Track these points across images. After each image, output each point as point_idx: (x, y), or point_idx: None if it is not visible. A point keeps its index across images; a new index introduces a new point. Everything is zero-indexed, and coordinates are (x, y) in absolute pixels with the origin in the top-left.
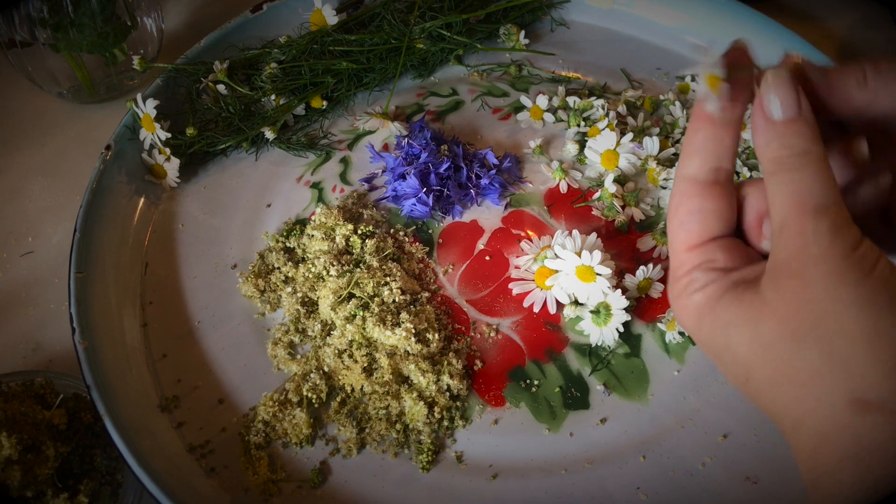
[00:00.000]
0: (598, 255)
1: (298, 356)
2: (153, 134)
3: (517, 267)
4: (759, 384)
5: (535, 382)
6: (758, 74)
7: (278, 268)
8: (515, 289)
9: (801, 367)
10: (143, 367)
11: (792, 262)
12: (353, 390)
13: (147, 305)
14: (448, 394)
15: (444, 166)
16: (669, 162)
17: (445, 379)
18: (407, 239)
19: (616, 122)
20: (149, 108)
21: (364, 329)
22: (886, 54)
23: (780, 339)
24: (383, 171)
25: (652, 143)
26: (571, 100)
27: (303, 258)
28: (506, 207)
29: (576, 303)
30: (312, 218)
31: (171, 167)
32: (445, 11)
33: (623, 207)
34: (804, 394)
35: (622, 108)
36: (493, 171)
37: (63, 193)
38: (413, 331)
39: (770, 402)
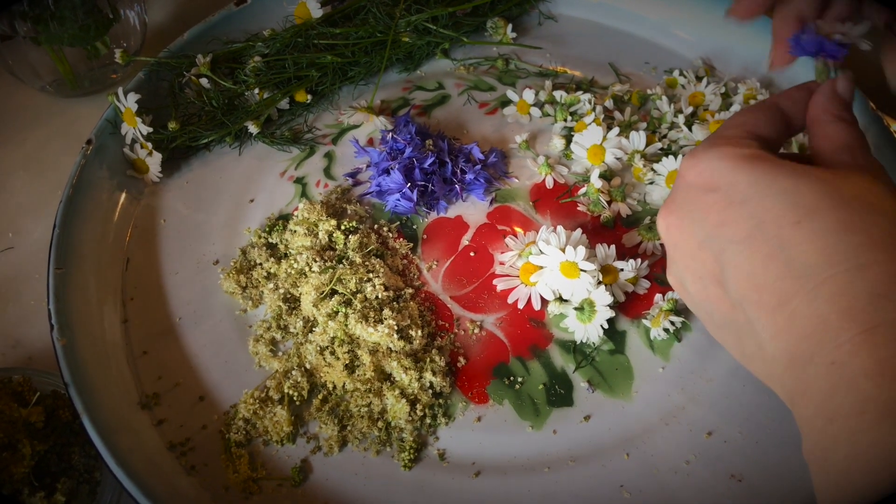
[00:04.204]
0: (582, 251)
1: (280, 353)
2: (135, 128)
3: (502, 263)
4: (821, 223)
5: (519, 379)
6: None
7: (260, 264)
8: (500, 285)
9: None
10: (124, 364)
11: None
12: (334, 387)
13: (128, 302)
14: (431, 391)
15: (429, 161)
16: (656, 157)
17: (428, 376)
18: (391, 234)
19: (603, 116)
20: (130, 102)
21: (346, 326)
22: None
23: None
24: (368, 166)
25: (639, 138)
26: (558, 94)
27: (285, 254)
28: (491, 203)
29: (560, 299)
30: (295, 213)
31: (154, 162)
32: (431, 4)
33: (609, 203)
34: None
35: (609, 103)
36: (479, 167)
37: (44, 188)
38: (396, 327)
39: (827, 244)
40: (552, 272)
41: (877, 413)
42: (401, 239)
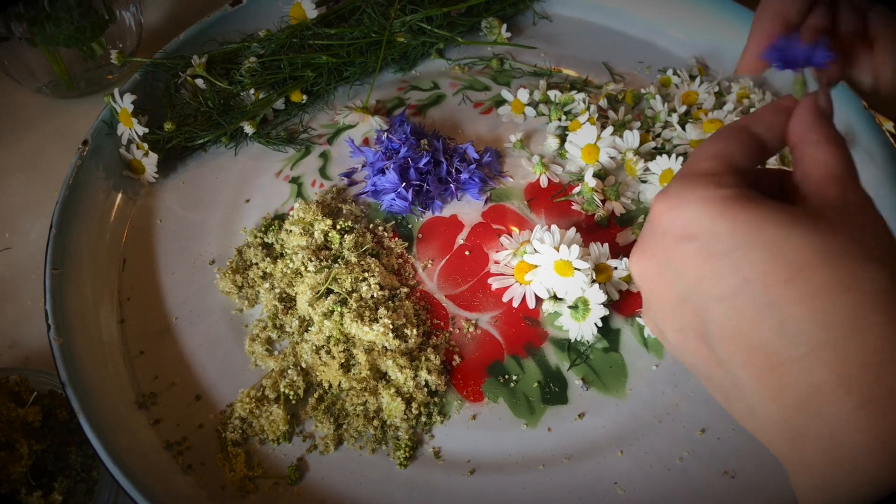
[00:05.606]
0: (576, 249)
1: (276, 352)
2: (131, 129)
3: (496, 262)
4: (813, 283)
5: (514, 377)
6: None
7: (256, 263)
8: (494, 284)
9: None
10: (120, 364)
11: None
12: (330, 386)
13: (124, 302)
14: (426, 389)
15: (424, 161)
16: (650, 155)
17: (423, 374)
18: (386, 234)
19: (597, 116)
20: (126, 102)
21: (342, 325)
22: None
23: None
24: (363, 166)
25: (632, 137)
26: (553, 94)
27: (281, 254)
28: (486, 202)
29: (555, 298)
30: (291, 213)
31: (150, 162)
32: (426, 5)
33: (603, 202)
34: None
35: (603, 102)
36: (474, 166)
37: (41, 189)
38: (391, 326)
39: (820, 305)
40: (546, 271)
41: (872, 492)
42: (396, 238)
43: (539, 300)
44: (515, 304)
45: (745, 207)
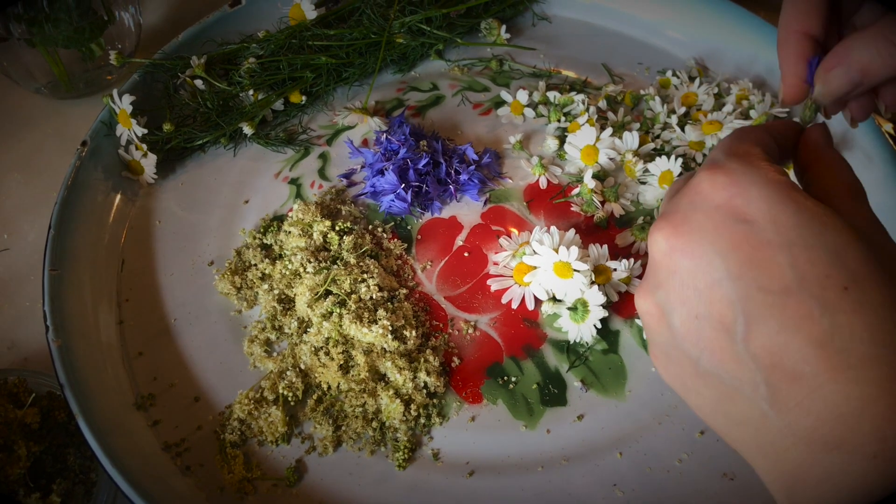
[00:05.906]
0: (575, 251)
1: (275, 354)
2: (130, 130)
3: (496, 263)
4: (870, 296)
5: (513, 379)
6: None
7: (255, 265)
8: (494, 285)
9: None
10: (119, 365)
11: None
12: (329, 388)
13: (123, 303)
14: (425, 391)
15: (423, 162)
16: (649, 157)
17: (422, 376)
18: (385, 235)
19: (596, 117)
20: (125, 103)
21: (341, 326)
22: None
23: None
24: (362, 167)
25: (632, 138)
26: (552, 95)
27: (280, 255)
28: (485, 203)
29: (554, 299)
30: (290, 214)
31: (148, 163)
32: (425, 6)
33: (602, 203)
34: None
35: (602, 104)
36: (473, 167)
37: (39, 190)
38: (390, 328)
39: (876, 320)
40: (546, 272)
41: None
42: (395, 239)
43: (538, 302)
44: (514, 305)
45: (806, 201)
